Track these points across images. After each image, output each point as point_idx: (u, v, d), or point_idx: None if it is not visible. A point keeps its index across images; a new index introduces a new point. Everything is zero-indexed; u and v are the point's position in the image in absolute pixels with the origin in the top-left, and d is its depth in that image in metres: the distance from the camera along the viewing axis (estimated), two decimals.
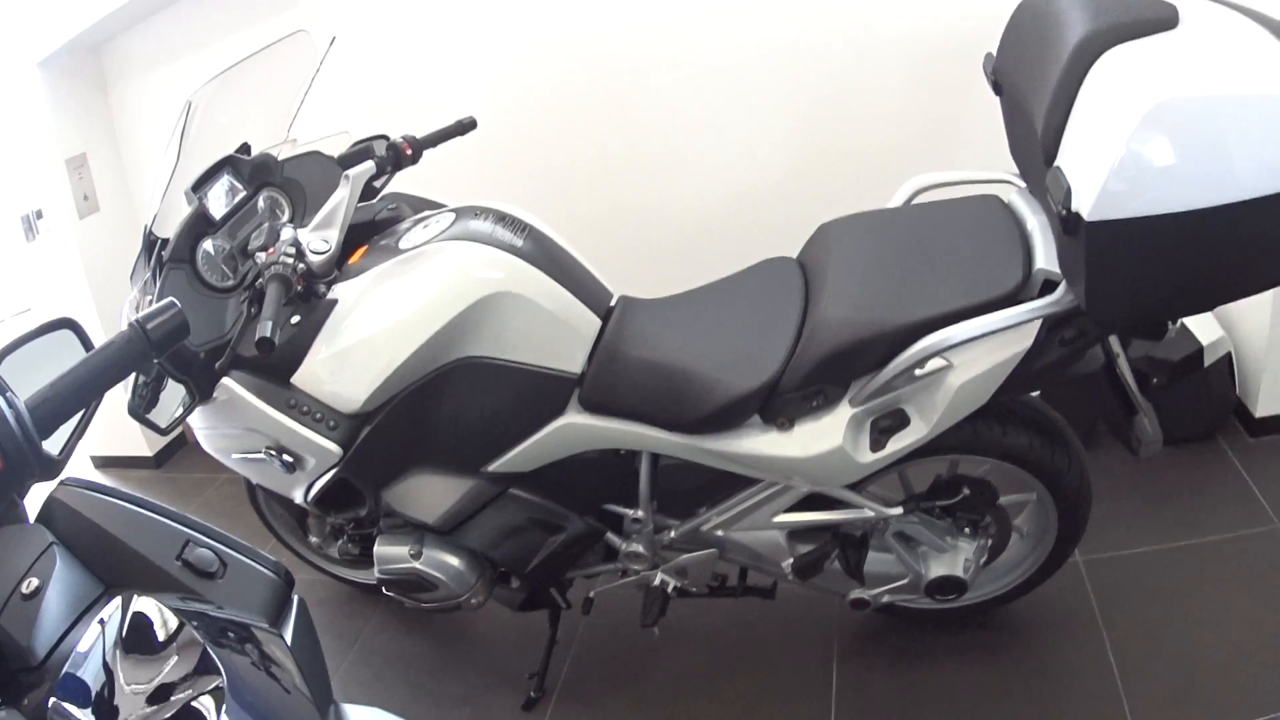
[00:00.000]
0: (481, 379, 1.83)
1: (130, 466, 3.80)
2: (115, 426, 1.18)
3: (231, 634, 1.03)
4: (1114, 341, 1.75)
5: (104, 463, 3.85)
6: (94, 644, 0.92)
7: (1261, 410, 2.62)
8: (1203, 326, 2.56)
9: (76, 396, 1.03)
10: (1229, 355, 2.60)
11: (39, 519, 1.11)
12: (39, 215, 3.63)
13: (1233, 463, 2.55)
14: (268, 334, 1.59)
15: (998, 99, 1.89)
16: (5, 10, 3.36)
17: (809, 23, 2.75)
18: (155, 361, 1.73)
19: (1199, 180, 1.28)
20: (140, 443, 3.71)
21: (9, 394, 0.95)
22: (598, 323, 1.88)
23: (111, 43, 3.55)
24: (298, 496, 2.00)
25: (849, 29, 2.72)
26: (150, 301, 1.89)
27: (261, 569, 1.18)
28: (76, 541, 1.08)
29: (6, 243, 3.81)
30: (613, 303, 1.97)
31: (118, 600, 0.98)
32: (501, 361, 1.82)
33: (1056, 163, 1.43)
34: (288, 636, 1.13)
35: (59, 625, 0.96)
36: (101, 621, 0.95)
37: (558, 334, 1.84)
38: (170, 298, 1.10)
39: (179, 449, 3.79)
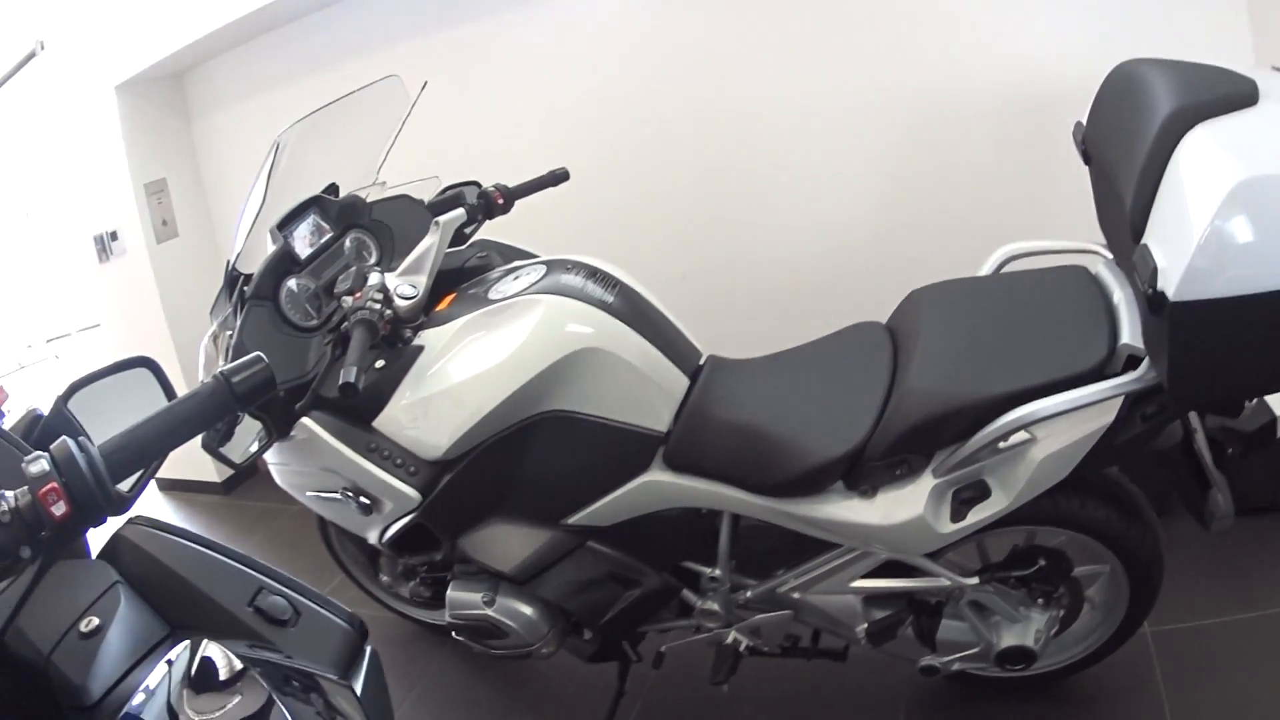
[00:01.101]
0: (566, 433, 1.84)
1: (198, 491, 3.82)
2: (184, 450, 1.20)
3: (297, 682, 1.04)
4: (1193, 417, 1.75)
5: (170, 485, 3.88)
6: (160, 684, 0.93)
7: None
8: (1278, 397, 2.53)
9: (155, 446, 0.99)
10: None
11: (102, 555, 1.13)
12: (113, 237, 3.68)
13: None
14: (352, 379, 1.60)
15: (1086, 168, 1.89)
16: (87, 34, 3.44)
17: (902, 87, 2.78)
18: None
19: None
20: (209, 469, 3.73)
21: (82, 439, 0.93)
22: (686, 382, 1.89)
23: (196, 72, 3.63)
24: (372, 538, 2.01)
25: (942, 92, 2.74)
26: (230, 336, 1.91)
27: (335, 619, 1.19)
28: (142, 581, 1.09)
29: (78, 261, 3.86)
30: (701, 362, 1.98)
31: (184, 646, 0.99)
32: (587, 417, 1.83)
33: (1144, 240, 1.42)
34: (358, 689, 1.13)
35: (119, 665, 0.97)
36: (169, 662, 0.96)
37: (645, 392, 1.85)
38: (257, 352, 1.06)
39: (249, 478, 3.79)
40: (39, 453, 0.89)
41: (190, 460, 3.60)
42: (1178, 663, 2.20)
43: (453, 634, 2.16)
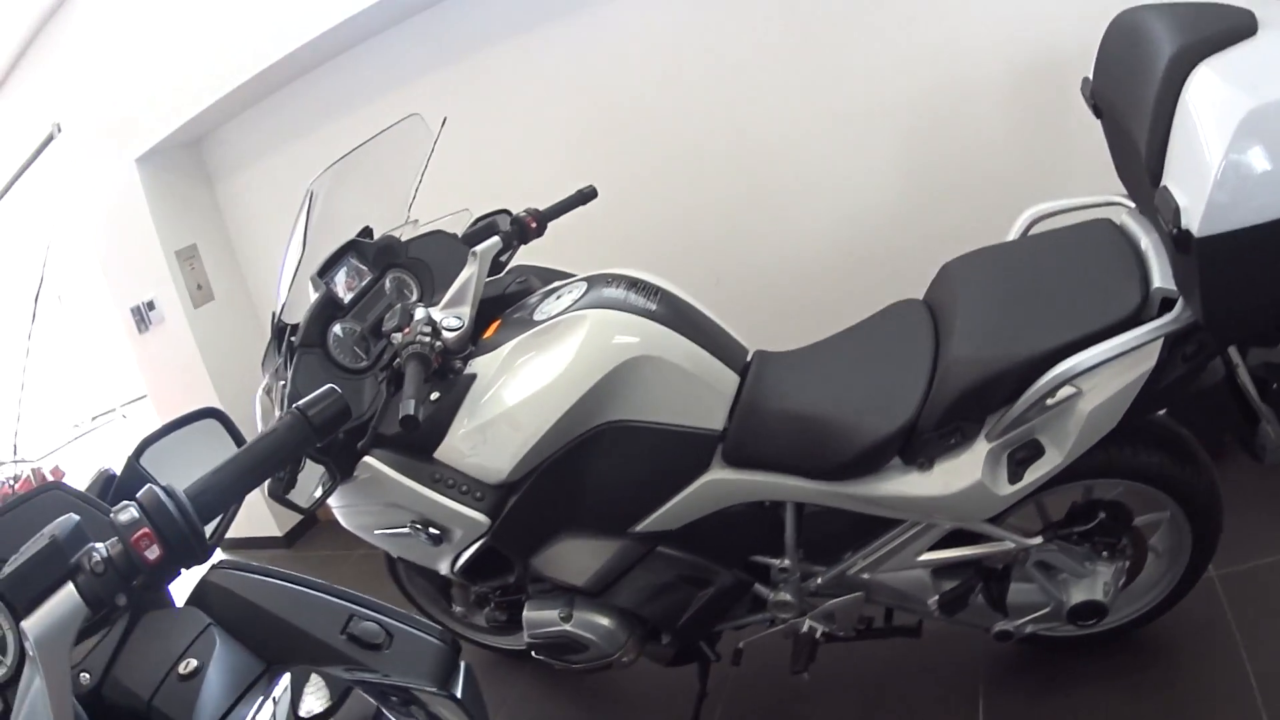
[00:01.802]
0: (625, 442, 1.87)
1: (261, 547, 3.84)
2: (245, 507, 1.22)
3: (395, 698, 1.06)
4: (1233, 352, 1.76)
5: (234, 544, 3.88)
6: None
7: None
8: None
9: (239, 484, 1.01)
10: None
11: (190, 602, 1.15)
12: (150, 306, 3.74)
13: None
14: (411, 411, 1.62)
15: (1099, 121, 1.91)
16: (102, 113, 3.52)
17: (910, 73, 2.81)
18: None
19: None
20: (270, 523, 3.77)
21: (167, 484, 0.95)
22: (736, 379, 1.92)
23: (213, 137, 3.67)
24: (444, 568, 2.03)
25: (950, 71, 2.76)
26: (283, 387, 1.95)
27: (427, 638, 1.20)
28: (234, 622, 1.12)
29: (117, 335, 3.90)
30: (749, 358, 2.00)
31: (286, 678, 1.01)
32: (644, 423, 1.86)
33: (1163, 182, 1.46)
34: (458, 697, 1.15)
35: (221, 704, 1.00)
36: (274, 700, 0.98)
37: (698, 393, 1.87)
38: (330, 384, 1.08)
39: (309, 528, 3.83)
40: (126, 502, 0.92)
41: (251, 518, 3.70)
42: (1247, 603, 2.20)
43: (532, 654, 2.18)
